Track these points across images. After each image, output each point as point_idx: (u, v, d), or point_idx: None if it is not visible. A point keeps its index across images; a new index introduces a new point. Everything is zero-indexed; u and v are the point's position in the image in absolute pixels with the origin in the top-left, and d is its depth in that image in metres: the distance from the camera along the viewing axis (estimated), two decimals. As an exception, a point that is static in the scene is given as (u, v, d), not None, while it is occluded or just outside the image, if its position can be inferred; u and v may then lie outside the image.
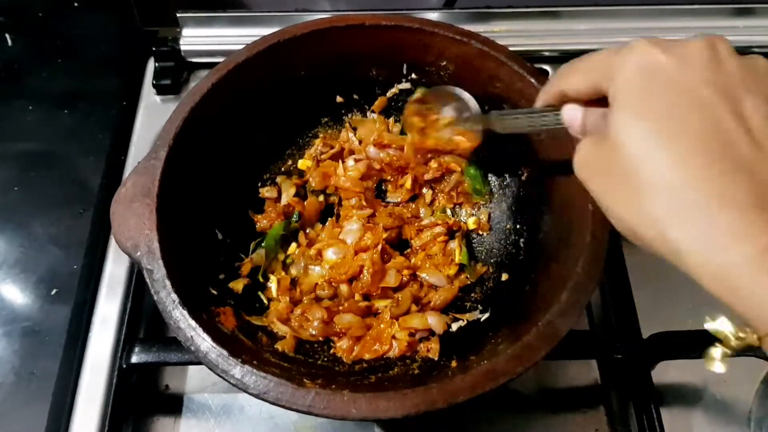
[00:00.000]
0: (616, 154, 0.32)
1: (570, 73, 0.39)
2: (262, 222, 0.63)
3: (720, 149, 0.29)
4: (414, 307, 0.59)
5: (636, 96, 0.32)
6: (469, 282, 0.61)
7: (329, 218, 0.65)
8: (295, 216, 0.63)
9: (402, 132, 0.67)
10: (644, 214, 0.31)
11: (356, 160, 0.66)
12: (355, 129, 0.69)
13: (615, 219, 0.33)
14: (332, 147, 0.67)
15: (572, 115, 0.40)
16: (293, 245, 0.62)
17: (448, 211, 0.66)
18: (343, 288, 0.59)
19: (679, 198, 0.29)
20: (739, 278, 0.27)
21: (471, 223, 0.64)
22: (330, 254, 0.61)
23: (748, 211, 0.27)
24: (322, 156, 0.66)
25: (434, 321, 0.57)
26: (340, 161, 0.66)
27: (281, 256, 0.62)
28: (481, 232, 0.65)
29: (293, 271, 0.61)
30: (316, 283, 0.60)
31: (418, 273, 0.61)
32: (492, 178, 0.66)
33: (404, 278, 0.60)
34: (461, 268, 0.62)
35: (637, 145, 0.31)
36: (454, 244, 0.63)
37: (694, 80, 0.31)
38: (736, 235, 0.27)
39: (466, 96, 0.57)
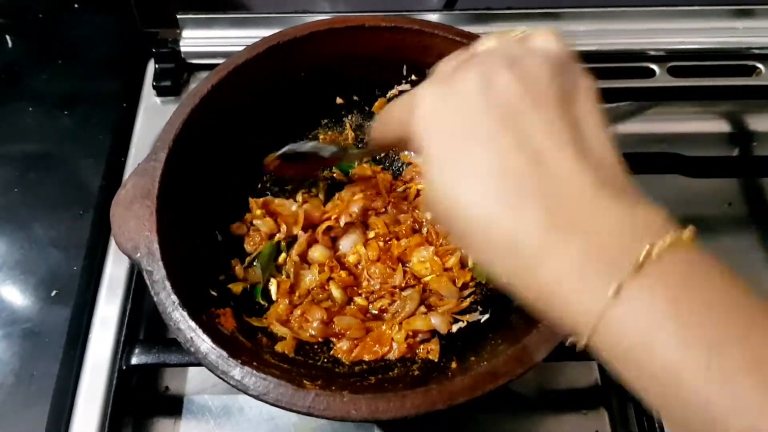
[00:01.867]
0: (441, 207, 0.32)
1: (381, 128, 0.41)
2: (249, 245, 0.61)
3: (510, 179, 0.29)
4: (421, 309, 0.58)
5: (432, 148, 0.32)
6: (474, 281, 0.61)
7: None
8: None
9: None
10: (478, 254, 0.31)
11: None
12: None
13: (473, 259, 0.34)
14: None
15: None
16: (282, 255, 0.61)
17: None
18: (336, 293, 0.59)
19: (490, 233, 0.29)
20: (557, 294, 0.28)
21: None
22: (315, 255, 0.61)
23: (548, 231, 0.28)
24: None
25: (438, 321, 0.56)
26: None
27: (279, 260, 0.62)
28: None
29: (291, 276, 0.61)
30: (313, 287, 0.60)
31: (424, 281, 0.60)
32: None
33: (410, 281, 0.60)
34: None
35: (448, 194, 0.31)
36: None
37: (475, 116, 0.31)
38: (540, 256, 0.28)
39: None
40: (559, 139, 0.29)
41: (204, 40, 0.79)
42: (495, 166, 0.29)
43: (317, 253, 0.61)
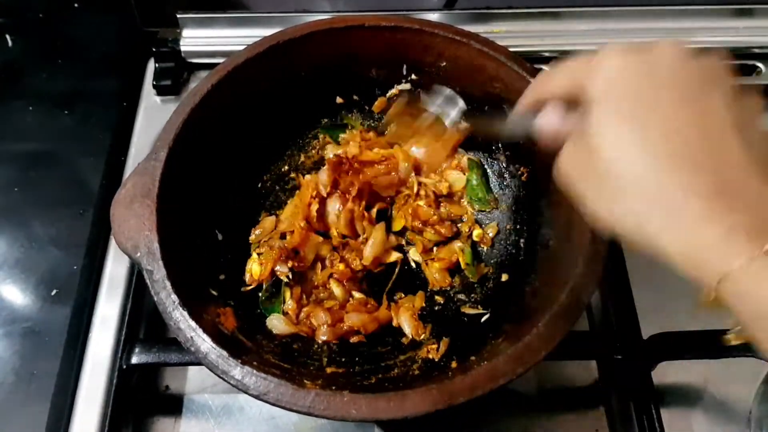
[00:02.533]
0: (596, 153, 0.34)
1: (546, 80, 0.41)
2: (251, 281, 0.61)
3: (686, 147, 0.32)
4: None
5: (612, 98, 0.34)
6: (473, 280, 0.62)
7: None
8: None
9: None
10: (624, 209, 0.33)
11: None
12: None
13: (597, 217, 0.35)
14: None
15: (549, 121, 0.42)
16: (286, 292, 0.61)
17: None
18: (337, 290, 0.59)
19: (654, 191, 0.32)
20: (707, 256, 0.31)
21: (475, 236, 0.64)
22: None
23: (711, 199, 0.31)
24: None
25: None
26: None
27: None
28: (482, 246, 0.64)
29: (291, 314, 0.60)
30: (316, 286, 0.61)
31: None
32: (492, 179, 0.66)
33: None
34: (458, 269, 0.62)
35: (614, 144, 0.33)
36: (457, 245, 0.63)
37: (664, 81, 0.34)
38: (702, 220, 0.31)
39: (449, 93, 0.59)
40: (732, 129, 0.32)
41: (204, 39, 0.79)
42: (673, 131, 0.32)
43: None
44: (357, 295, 0.60)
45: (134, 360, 0.56)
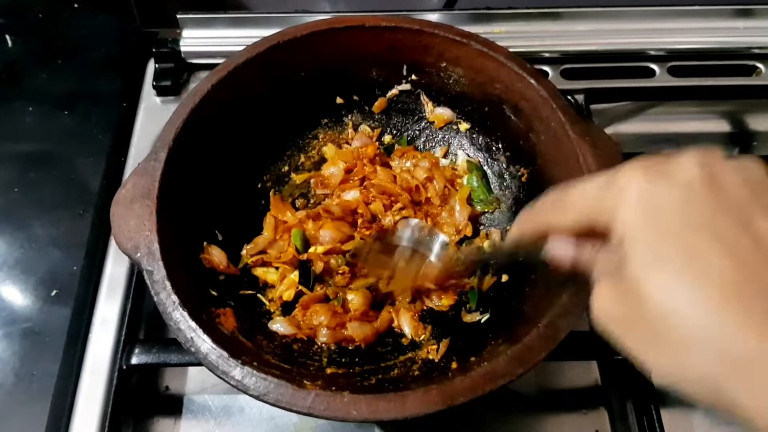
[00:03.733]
0: (644, 306, 0.28)
1: (558, 210, 0.36)
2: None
3: (753, 283, 0.26)
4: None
5: (652, 236, 0.29)
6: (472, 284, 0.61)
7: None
8: None
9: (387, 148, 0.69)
10: (691, 370, 0.27)
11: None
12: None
13: (657, 375, 0.30)
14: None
15: (562, 253, 0.37)
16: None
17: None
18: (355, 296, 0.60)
19: (727, 349, 0.26)
20: None
21: (486, 246, 0.64)
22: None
23: None
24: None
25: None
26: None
27: None
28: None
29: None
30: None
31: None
32: (492, 180, 0.66)
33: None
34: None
35: (665, 295, 0.28)
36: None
37: (703, 211, 0.28)
38: None
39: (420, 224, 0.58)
40: None
41: (204, 39, 0.79)
42: (731, 268, 0.27)
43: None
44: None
45: (134, 360, 0.56)
